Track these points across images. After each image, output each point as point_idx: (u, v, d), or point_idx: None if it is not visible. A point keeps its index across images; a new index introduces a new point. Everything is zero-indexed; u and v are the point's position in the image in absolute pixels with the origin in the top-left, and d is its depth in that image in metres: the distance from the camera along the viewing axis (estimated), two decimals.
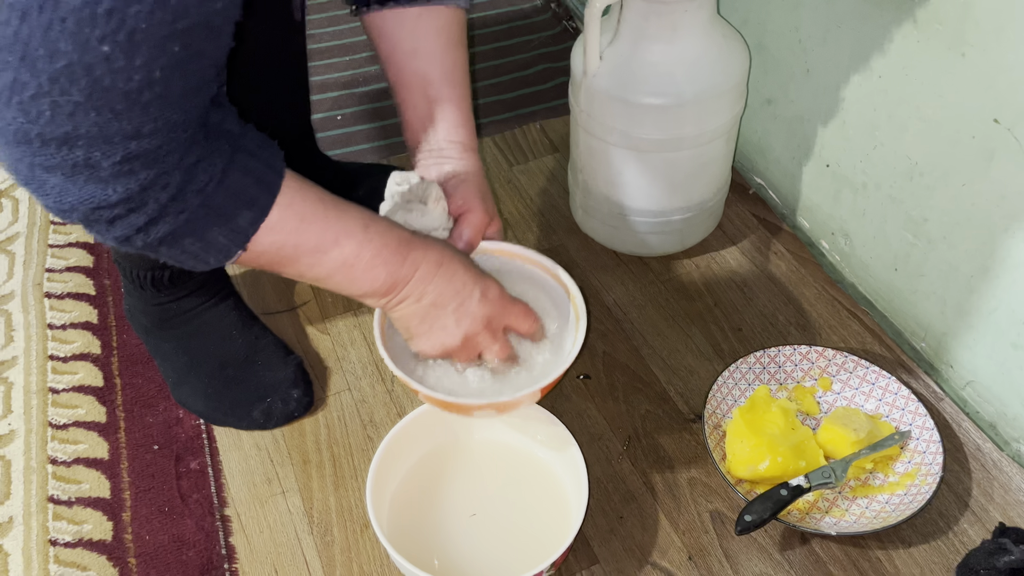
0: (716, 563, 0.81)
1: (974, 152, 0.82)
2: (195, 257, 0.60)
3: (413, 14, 0.79)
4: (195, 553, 0.83)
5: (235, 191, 0.58)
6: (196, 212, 0.56)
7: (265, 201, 0.60)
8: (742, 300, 1.04)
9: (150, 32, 0.46)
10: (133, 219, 0.54)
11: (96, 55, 0.46)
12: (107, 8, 0.45)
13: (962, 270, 0.88)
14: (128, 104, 0.48)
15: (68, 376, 0.98)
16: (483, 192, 0.79)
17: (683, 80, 0.93)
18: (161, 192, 0.54)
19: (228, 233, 0.59)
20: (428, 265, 0.69)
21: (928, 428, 0.86)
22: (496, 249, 0.81)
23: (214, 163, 0.57)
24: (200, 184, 0.56)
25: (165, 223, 0.56)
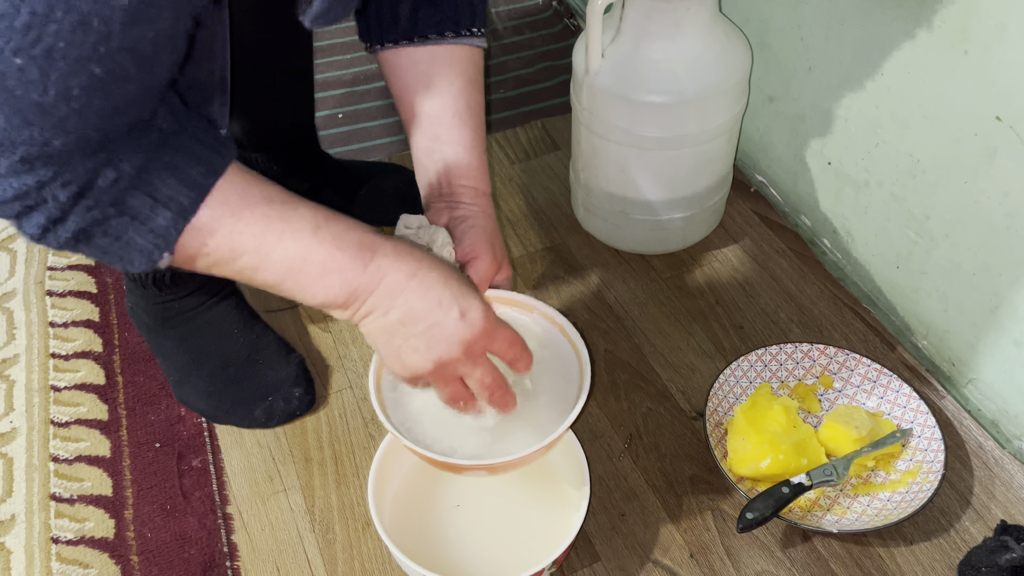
0: (718, 561, 0.81)
1: (976, 149, 0.82)
2: (119, 258, 0.56)
3: (427, 53, 0.77)
4: (197, 551, 0.83)
5: (152, 189, 0.53)
6: (106, 211, 0.53)
7: (188, 201, 0.55)
8: (744, 298, 1.04)
9: (68, 51, 0.45)
10: (36, 217, 0.52)
11: (9, 65, 0.44)
12: (24, 22, 0.43)
13: (964, 268, 0.88)
14: (41, 115, 0.47)
15: (70, 374, 0.98)
16: (492, 238, 0.75)
17: (685, 78, 0.93)
18: (60, 190, 0.51)
19: (147, 234, 0.54)
20: (397, 275, 0.61)
21: (930, 426, 0.85)
22: (501, 298, 0.77)
23: (129, 159, 0.53)
24: (108, 181, 0.52)
25: (72, 222, 0.52)
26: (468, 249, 0.73)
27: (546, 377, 0.74)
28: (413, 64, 0.78)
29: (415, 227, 0.74)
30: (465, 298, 0.64)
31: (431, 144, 0.78)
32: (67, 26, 0.44)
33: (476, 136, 0.78)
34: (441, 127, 0.77)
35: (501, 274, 0.77)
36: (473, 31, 0.78)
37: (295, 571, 0.82)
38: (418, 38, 0.77)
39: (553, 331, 0.77)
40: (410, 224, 0.75)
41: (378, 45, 0.79)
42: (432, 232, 0.73)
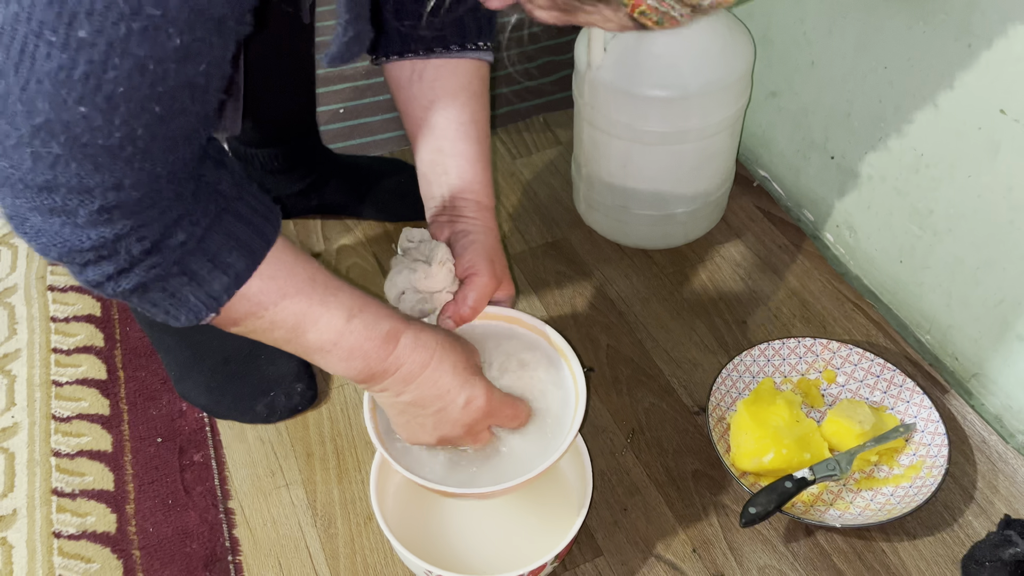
0: (720, 555, 0.81)
1: (980, 143, 0.82)
2: (166, 312, 0.58)
3: (433, 66, 0.77)
4: (199, 545, 0.83)
5: (213, 253, 0.56)
6: (169, 269, 0.55)
7: (244, 268, 0.57)
8: (746, 293, 1.04)
9: (129, 95, 0.46)
10: (104, 266, 0.53)
11: (73, 114, 0.46)
12: (83, 72, 0.44)
13: (968, 262, 0.88)
14: (110, 158, 0.48)
15: (71, 369, 0.98)
16: (492, 254, 0.75)
17: (688, 72, 0.93)
18: (135, 244, 0.53)
19: (200, 294, 0.57)
20: (413, 365, 0.65)
21: (933, 420, 0.85)
22: (499, 315, 0.76)
23: (197, 222, 0.55)
24: (178, 241, 0.54)
25: (136, 275, 0.54)
26: (467, 265, 0.74)
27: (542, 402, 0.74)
28: (418, 77, 0.78)
29: (416, 241, 0.74)
30: (471, 386, 0.67)
31: (434, 157, 0.78)
32: (124, 72, 0.45)
33: (480, 150, 0.78)
34: (445, 140, 0.77)
35: (502, 291, 0.77)
36: (479, 45, 0.78)
37: (297, 566, 0.81)
38: (424, 51, 0.77)
39: (552, 353, 0.75)
40: (412, 238, 0.74)
41: (383, 57, 0.78)
42: (432, 248, 0.73)
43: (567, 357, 0.74)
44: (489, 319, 0.76)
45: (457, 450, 0.72)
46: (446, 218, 0.77)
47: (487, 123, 0.80)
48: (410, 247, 0.74)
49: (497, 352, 0.75)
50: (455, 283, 0.74)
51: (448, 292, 0.73)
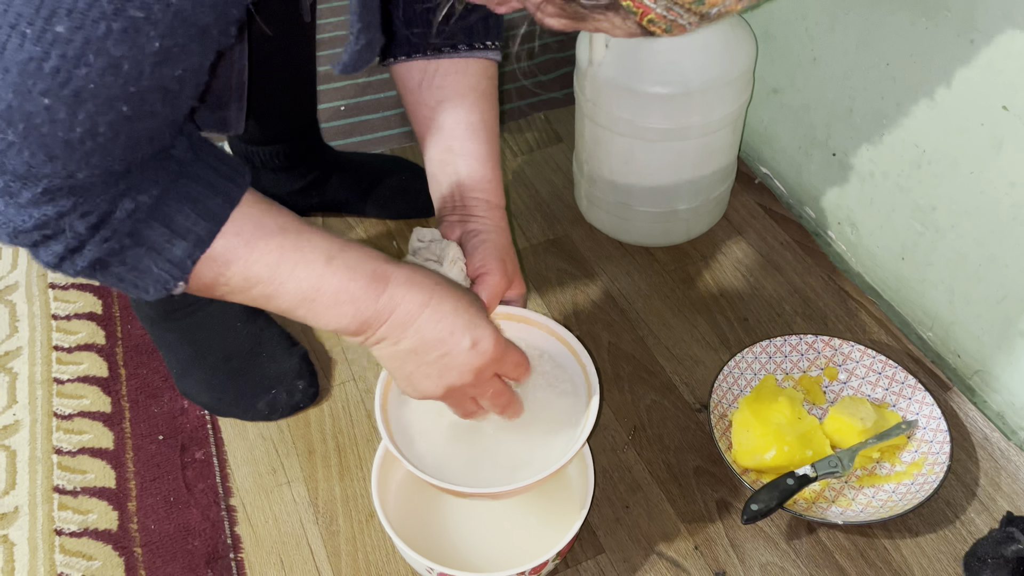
0: (722, 552, 0.81)
1: (983, 139, 0.81)
2: (134, 286, 0.56)
3: (441, 66, 0.77)
4: (201, 542, 0.83)
5: (168, 219, 0.54)
6: (123, 241, 0.53)
7: (204, 231, 0.55)
8: (748, 290, 1.04)
9: (97, 92, 0.46)
10: (53, 246, 0.52)
11: (36, 105, 0.45)
12: (53, 66, 0.44)
13: (970, 259, 0.88)
14: (66, 150, 0.47)
15: (73, 366, 0.98)
16: (503, 254, 0.74)
17: (689, 69, 0.92)
18: (79, 221, 0.51)
19: (163, 264, 0.55)
20: (409, 305, 0.62)
21: (935, 417, 0.85)
22: (510, 315, 0.76)
23: (146, 190, 0.53)
24: (126, 212, 0.52)
25: (89, 252, 0.53)
26: (479, 264, 0.73)
27: (555, 401, 0.74)
28: (426, 77, 0.77)
29: (427, 240, 0.74)
30: (476, 327, 0.65)
31: (444, 156, 0.77)
32: (97, 69, 0.45)
33: (489, 149, 0.77)
34: (454, 140, 0.77)
35: (513, 291, 0.76)
36: (487, 44, 0.77)
37: (299, 563, 0.81)
38: (431, 51, 0.76)
39: (564, 352, 0.75)
40: (423, 237, 0.74)
41: (391, 58, 0.78)
42: (443, 247, 0.72)
43: (579, 356, 0.74)
44: (500, 319, 0.76)
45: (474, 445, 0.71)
46: (457, 218, 0.76)
47: (496, 123, 0.79)
48: (420, 247, 0.74)
49: None
50: (466, 282, 0.73)
51: None
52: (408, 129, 1.28)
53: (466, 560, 0.77)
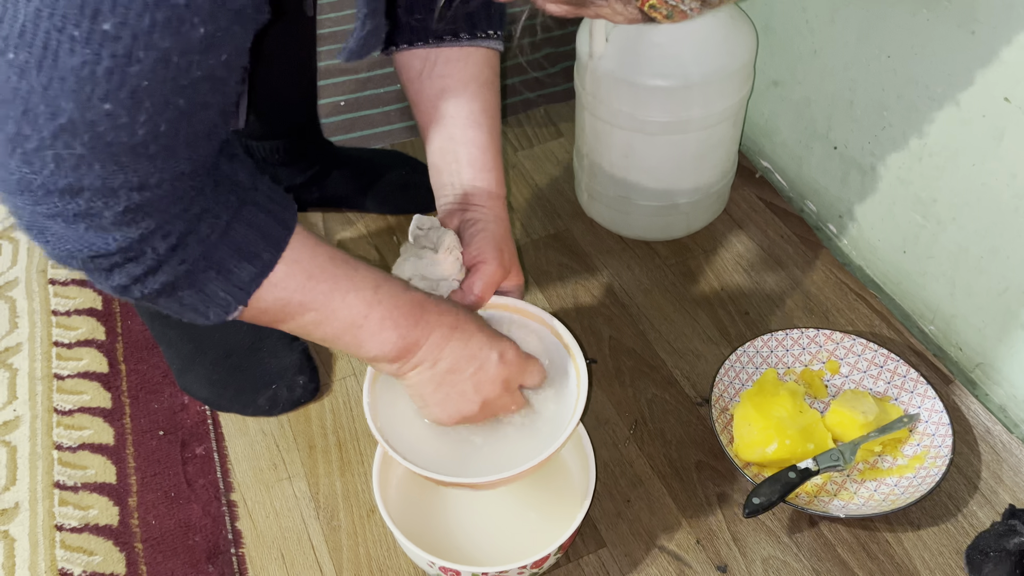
0: (724, 546, 0.81)
1: (984, 131, 0.81)
2: (194, 310, 0.57)
3: (443, 55, 0.76)
4: (201, 538, 0.83)
5: (238, 245, 0.56)
6: (196, 264, 0.55)
7: (269, 256, 0.57)
8: (749, 284, 1.03)
9: (153, 89, 0.45)
10: (131, 268, 0.53)
11: (98, 112, 0.45)
12: (107, 68, 0.44)
13: (972, 251, 0.88)
14: (133, 157, 0.47)
15: (73, 362, 0.98)
16: (501, 243, 0.74)
17: (690, 62, 0.92)
18: (161, 242, 0.52)
19: (228, 287, 0.57)
20: (442, 329, 0.65)
21: (937, 411, 0.85)
22: (504, 305, 0.76)
23: (219, 215, 0.55)
24: (202, 235, 0.54)
25: (163, 274, 0.54)
26: (475, 253, 0.73)
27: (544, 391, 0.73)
28: (429, 67, 0.77)
29: (426, 228, 0.74)
30: (499, 341, 0.69)
31: (445, 145, 0.77)
32: (149, 65, 0.45)
33: (490, 138, 0.77)
34: (456, 128, 0.77)
35: (511, 281, 0.76)
36: (489, 33, 0.77)
37: (300, 558, 0.81)
38: (433, 40, 0.76)
39: (555, 344, 0.75)
40: (422, 225, 0.74)
41: (393, 47, 0.78)
42: (440, 234, 0.72)
43: (570, 348, 0.74)
44: (494, 309, 0.76)
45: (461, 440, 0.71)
46: (456, 206, 0.76)
47: (498, 112, 0.79)
48: (420, 234, 0.74)
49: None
50: (462, 271, 0.73)
51: (455, 280, 0.73)
52: (408, 124, 1.28)
53: (467, 554, 0.77)
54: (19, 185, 0.48)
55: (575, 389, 0.72)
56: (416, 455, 0.69)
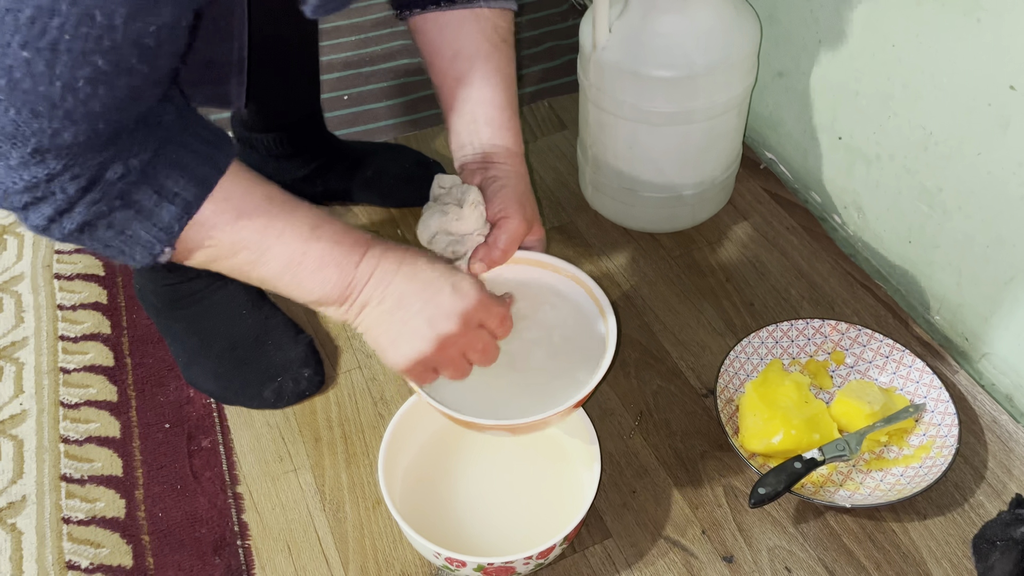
0: (730, 537, 0.80)
1: (990, 120, 0.81)
2: (119, 251, 0.57)
3: (456, 17, 0.77)
4: (208, 530, 0.83)
5: (157, 184, 0.55)
6: (112, 204, 0.54)
7: (193, 197, 0.56)
8: (754, 275, 1.03)
9: (73, 45, 0.46)
10: (43, 208, 0.53)
11: (16, 58, 0.45)
12: (29, 16, 0.44)
13: (978, 240, 0.87)
14: (49, 107, 0.48)
15: (79, 356, 0.98)
16: (522, 198, 0.75)
17: (694, 52, 0.92)
18: (70, 183, 0.52)
19: (150, 228, 0.56)
20: (387, 263, 0.64)
21: (943, 400, 0.85)
22: (529, 259, 0.77)
23: (137, 154, 0.54)
24: (117, 175, 0.53)
25: (78, 214, 0.53)
26: (498, 209, 0.73)
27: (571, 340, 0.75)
28: (442, 28, 0.77)
29: (448, 186, 0.74)
30: (453, 274, 0.67)
31: (462, 106, 0.77)
32: (72, 19, 0.45)
33: (506, 96, 0.77)
34: (471, 88, 0.77)
35: (533, 235, 0.77)
36: None
37: (306, 550, 0.81)
38: (446, 2, 0.76)
39: (580, 292, 0.76)
40: (444, 184, 0.74)
41: (407, 11, 0.78)
42: (463, 190, 0.73)
43: (596, 297, 0.75)
44: (519, 263, 0.77)
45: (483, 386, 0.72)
46: (476, 166, 0.77)
47: (513, 71, 0.79)
48: (441, 192, 0.74)
49: (527, 295, 0.76)
50: (486, 226, 0.74)
51: (479, 235, 0.73)
52: (411, 118, 1.28)
53: (473, 545, 0.77)
54: None
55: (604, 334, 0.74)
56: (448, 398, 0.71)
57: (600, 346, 0.74)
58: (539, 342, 0.74)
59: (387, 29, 1.44)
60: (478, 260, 0.73)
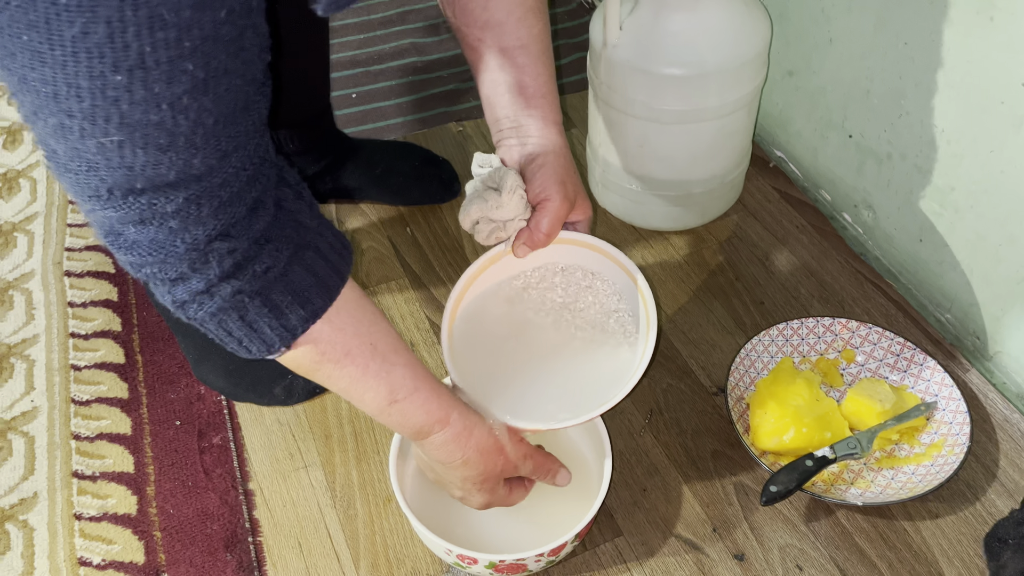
0: (741, 535, 0.80)
1: (1003, 118, 0.81)
2: (238, 342, 0.59)
3: None
4: (219, 526, 0.83)
5: (295, 286, 0.57)
6: (252, 296, 0.56)
7: (320, 305, 0.59)
8: (764, 274, 1.03)
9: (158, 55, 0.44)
10: (193, 283, 0.54)
11: (115, 85, 0.44)
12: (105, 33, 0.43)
13: (990, 239, 0.87)
14: (169, 137, 0.47)
15: (90, 353, 0.99)
16: (563, 176, 0.73)
17: (705, 50, 0.92)
18: (227, 256, 0.53)
19: (277, 327, 0.58)
20: (440, 456, 0.70)
21: (955, 399, 0.85)
22: (574, 240, 0.76)
23: (280, 250, 0.56)
24: (263, 267, 0.55)
25: (219, 296, 0.55)
26: (538, 190, 0.72)
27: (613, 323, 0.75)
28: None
29: (487, 167, 0.73)
30: (497, 464, 0.72)
31: (495, 76, 0.75)
32: (144, 24, 0.44)
33: (540, 65, 0.75)
34: (504, 57, 0.74)
35: (578, 212, 0.75)
36: None
37: (317, 546, 0.82)
38: None
39: (626, 281, 0.76)
40: (483, 164, 0.73)
41: None
42: (501, 175, 0.72)
43: (636, 280, 0.74)
44: (564, 243, 0.76)
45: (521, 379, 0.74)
46: (514, 141, 0.75)
47: (547, 38, 0.76)
48: (481, 172, 0.73)
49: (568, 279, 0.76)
50: (528, 209, 0.73)
51: (521, 220, 0.73)
52: (420, 116, 1.28)
53: (484, 542, 0.77)
54: (86, 188, 0.49)
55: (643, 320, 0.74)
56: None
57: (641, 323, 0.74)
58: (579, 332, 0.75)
59: (395, 27, 1.44)
60: (521, 244, 0.72)
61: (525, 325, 0.76)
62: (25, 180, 1.21)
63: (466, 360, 0.74)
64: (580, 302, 0.77)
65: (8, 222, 1.15)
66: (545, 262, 0.78)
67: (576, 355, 0.74)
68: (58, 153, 0.47)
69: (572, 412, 0.72)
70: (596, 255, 0.77)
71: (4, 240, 1.12)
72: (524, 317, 0.77)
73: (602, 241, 0.76)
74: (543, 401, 0.73)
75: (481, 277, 0.77)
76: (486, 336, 0.76)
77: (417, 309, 1.02)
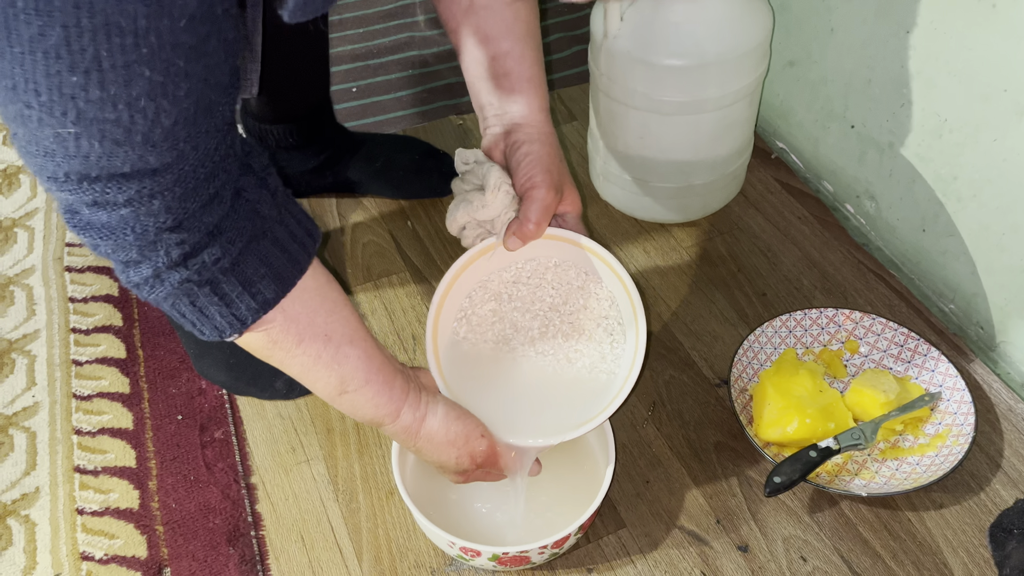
0: (744, 526, 0.80)
1: (1005, 106, 0.80)
2: (192, 324, 0.59)
3: None
4: (221, 520, 0.83)
5: (246, 278, 0.58)
6: (201, 286, 0.56)
7: (272, 296, 0.59)
8: (766, 265, 1.03)
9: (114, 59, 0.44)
10: (143, 269, 0.55)
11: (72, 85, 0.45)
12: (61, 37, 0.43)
13: (993, 228, 0.87)
14: (126, 133, 0.47)
15: (91, 348, 0.98)
16: (549, 164, 0.71)
17: (706, 40, 0.91)
18: (175, 247, 0.54)
19: (227, 316, 0.58)
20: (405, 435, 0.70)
21: (959, 389, 0.84)
22: (559, 237, 0.74)
23: (233, 240, 0.56)
24: (213, 257, 0.56)
25: (168, 284, 0.55)
26: (524, 180, 0.70)
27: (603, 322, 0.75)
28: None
29: (471, 162, 0.72)
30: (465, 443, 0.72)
31: (479, 61, 0.73)
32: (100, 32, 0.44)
33: (525, 47, 0.73)
34: (488, 43, 0.72)
35: (566, 204, 0.73)
36: None
37: (319, 540, 0.81)
38: None
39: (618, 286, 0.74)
40: (466, 159, 0.72)
41: None
42: (486, 170, 0.70)
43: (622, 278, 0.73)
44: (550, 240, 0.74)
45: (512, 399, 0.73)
46: (499, 129, 0.73)
47: (535, 22, 0.74)
48: (466, 169, 0.72)
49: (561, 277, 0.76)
50: (515, 202, 0.71)
51: (509, 215, 0.71)
52: (420, 109, 1.27)
53: (487, 534, 0.77)
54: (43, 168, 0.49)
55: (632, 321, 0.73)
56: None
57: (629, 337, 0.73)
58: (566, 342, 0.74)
59: (395, 21, 1.44)
60: (512, 236, 0.71)
61: (513, 331, 0.75)
62: (25, 176, 1.21)
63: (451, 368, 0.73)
64: (570, 304, 0.75)
65: (8, 218, 1.15)
66: (538, 254, 0.75)
67: (561, 368, 0.73)
68: (19, 136, 0.48)
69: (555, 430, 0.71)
70: (591, 258, 0.75)
71: (4, 236, 1.12)
72: (511, 320, 0.75)
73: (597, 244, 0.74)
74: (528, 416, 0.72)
75: (471, 268, 0.75)
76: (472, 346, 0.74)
77: (419, 302, 1.01)
